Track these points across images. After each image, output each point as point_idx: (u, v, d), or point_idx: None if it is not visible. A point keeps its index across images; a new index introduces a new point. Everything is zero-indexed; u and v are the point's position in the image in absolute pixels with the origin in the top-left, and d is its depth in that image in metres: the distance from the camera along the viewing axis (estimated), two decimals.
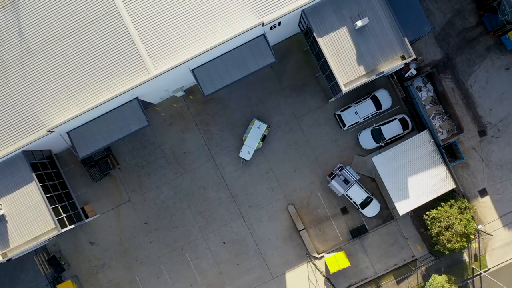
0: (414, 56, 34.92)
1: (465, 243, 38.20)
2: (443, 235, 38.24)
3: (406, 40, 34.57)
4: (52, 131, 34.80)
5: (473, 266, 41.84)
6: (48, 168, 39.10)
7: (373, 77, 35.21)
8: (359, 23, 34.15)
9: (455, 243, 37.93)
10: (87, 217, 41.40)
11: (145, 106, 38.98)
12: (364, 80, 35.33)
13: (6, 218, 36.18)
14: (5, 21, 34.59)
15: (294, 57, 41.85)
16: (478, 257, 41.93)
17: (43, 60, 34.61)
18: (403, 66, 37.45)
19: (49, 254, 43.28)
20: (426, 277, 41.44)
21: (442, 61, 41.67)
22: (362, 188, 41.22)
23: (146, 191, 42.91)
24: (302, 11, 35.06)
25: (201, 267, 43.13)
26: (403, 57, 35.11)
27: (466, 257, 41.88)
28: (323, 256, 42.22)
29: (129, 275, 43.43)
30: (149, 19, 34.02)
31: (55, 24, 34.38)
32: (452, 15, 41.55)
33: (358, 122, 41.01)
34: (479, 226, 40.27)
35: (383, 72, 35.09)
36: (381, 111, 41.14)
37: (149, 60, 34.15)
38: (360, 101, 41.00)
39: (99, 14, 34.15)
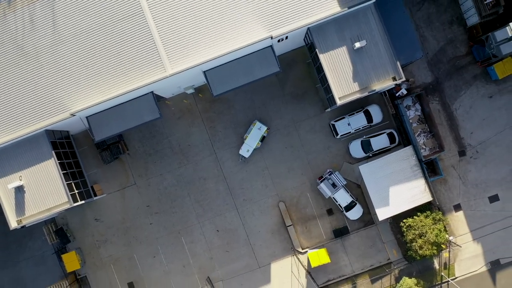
0: (404, 79, 38.85)
1: (435, 251, 42.14)
2: (416, 242, 42.20)
3: (398, 63, 38.49)
4: (74, 115, 38.74)
5: (442, 274, 45.77)
6: (65, 148, 43.01)
7: (366, 93, 39.13)
8: (357, 44, 38.06)
9: (426, 250, 41.88)
10: (95, 195, 45.34)
11: (157, 99, 42.81)
12: (358, 95, 39.25)
13: (25, 189, 40.10)
14: (42, 12, 38.46)
15: (297, 68, 45.75)
16: (447, 266, 45.87)
17: (72, 50, 38.54)
18: (394, 86, 41.32)
19: (57, 226, 47.21)
20: (398, 279, 45.37)
21: (431, 84, 45.58)
22: (348, 192, 45.16)
23: (151, 177, 46.85)
24: (308, 28, 38.95)
25: (195, 251, 47.07)
26: (394, 78, 39.04)
27: (436, 264, 45.82)
28: (306, 251, 46.16)
29: (128, 252, 47.37)
30: (170, 23, 37.96)
31: (86, 19, 38.30)
32: (445, 43, 45.43)
33: (350, 132, 44.93)
34: (451, 238, 44.26)
35: (375, 90, 39.01)
36: (371, 124, 45.04)
37: (167, 60, 38.09)
38: (354, 113, 44.90)
39: (126, 14, 38.07)
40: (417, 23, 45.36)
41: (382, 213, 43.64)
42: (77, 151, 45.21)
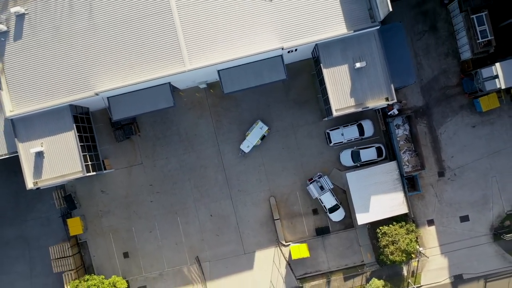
0: (395, 100, 43.31)
1: (405, 258, 46.59)
2: (389, 248, 46.64)
3: (392, 86, 42.90)
4: (98, 94, 43.11)
5: (409, 280, 50.25)
6: (84, 122, 47.35)
7: (360, 109, 43.55)
8: (358, 64, 42.46)
9: (396, 256, 46.33)
10: (105, 169, 49.70)
11: (173, 89, 47.15)
12: (353, 110, 43.67)
13: (44, 155, 44.44)
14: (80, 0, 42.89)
15: (302, 77, 50.12)
16: (415, 274, 50.35)
17: (103, 37, 42.88)
18: (387, 105, 45.73)
19: (66, 192, 51.55)
20: (368, 280, 49.81)
21: (422, 108, 50.04)
22: (334, 196, 49.61)
23: (157, 159, 51.23)
24: (316, 44, 43.33)
25: (188, 231, 51.47)
26: (387, 99, 43.45)
27: (405, 271, 50.30)
28: (289, 244, 50.59)
29: (127, 225, 51.74)
30: (194, 23, 42.35)
31: (120, 10, 42.63)
32: (438, 72, 49.88)
33: (342, 142, 49.34)
34: (420, 248, 48.78)
35: (368, 107, 43.43)
36: (363, 137, 49.46)
37: (187, 56, 42.48)
38: (348, 125, 49.31)
39: (156, 10, 42.44)
40: (416, 51, 49.82)
41: (362, 218, 48.06)
42: (94, 126, 49.54)
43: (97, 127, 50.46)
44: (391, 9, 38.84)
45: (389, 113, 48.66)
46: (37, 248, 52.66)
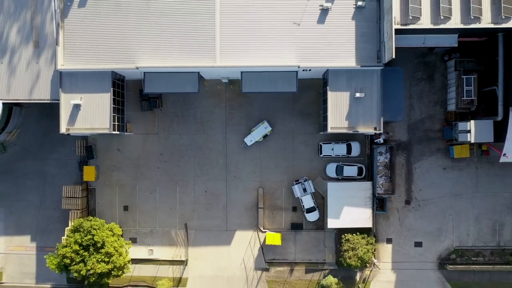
0: (382, 131, 51.17)
1: (359, 265, 54.43)
2: (348, 253, 54.53)
3: (381, 119, 50.68)
4: (138, 68, 50.85)
5: (359, 285, 58.21)
6: (118, 88, 54.97)
7: (351, 131, 51.39)
8: (357, 94, 50.25)
9: (352, 261, 54.21)
10: (126, 131, 57.39)
11: (199, 78, 54.85)
12: (345, 131, 51.45)
13: (81, 108, 52.03)
14: None
15: (310, 93, 57.86)
16: (365, 281, 58.28)
17: (153, 19, 50.38)
18: (374, 134, 53.54)
19: (87, 143, 59.30)
20: (325, 276, 57.68)
21: (404, 143, 57.90)
22: (313, 199, 57.46)
23: (172, 133, 58.97)
24: (327, 69, 51.11)
25: (183, 200, 59.28)
26: (375, 128, 51.27)
27: (357, 277, 58.21)
28: (266, 231, 58.43)
29: (133, 183, 59.49)
30: (231, 27, 50.00)
31: (170, 2, 50.32)
32: (425, 116, 57.71)
33: (331, 155, 57.17)
34: (375, 260, 56.73)
35: (358, 131, 51.26)
36: (349, 155, 57.28)
37: (219, 54, 50.24)
38: (339, 142, 57.12)
39: (202, 10, 49.98)
40: (411, 93, 57.64)
41: (332, 223, 55.91)
42: (125, 93, 57.25)
43: (127, 94, 58.06)
44: (394, 57, 46.58)
45: (375, 141, 56.48)
46: (51, 184, 60.32)
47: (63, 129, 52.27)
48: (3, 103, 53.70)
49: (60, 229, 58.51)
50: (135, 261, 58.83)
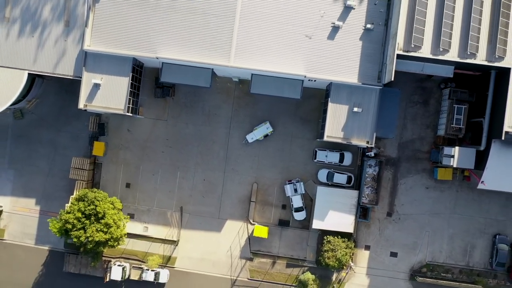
0: (373, 145, 55.44)
1: (336, 265, 58.67)
2: (328, 253, 58.81)
3: (374, 134, 54.97)
4: (158, 58, 55.04)
5: (334, 285, 62.51)
6: (136, 73, 59.11)
7: (345, 142, 55.65)
8: (355, 109, 54.49)
9: (331, 261, 58.46)
10: (138, 114, 61.54)
11: (212, 74, 58.96)
12: (339, 141, 55.71)
13: (100, 87, 56.15)
14: None
15: (313, 101, 62.06)
16: (341, 282, 62.56)
17: (177, 14, 54.51)
18: (366, 147, 57.79)
19: (100, 120, 63.44)
20: (303, 272, 61.96)
21: (393, 159, 62.19)
22: (302, 200, 61.71)
23: (180, 121, 63.17)
24: (331, 82, 55.32)
25: (182, 185, 63.49)
26: (367, 142, 55.52)
27: (334, 277, 62.54)
28: (255, 224, 62.69)
29: (137, 163, 63.69)
30: (249, 30, 54.15)
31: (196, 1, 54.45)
32: (416, 137, 61.99)
33: (324, 162, 61.41)
34: (352, 263, 61.02)
35: (352, 143, 55.52)
36: (341, 164, 61.53)
37: (234, 54, 54.43)
38: (333, 150, 61.34)
39: (222, 11, 54.12)
40: (406, 114, 61.87)
41: (317, 224, 60.16)
42: (142, 79, 61.35)
43: (144, 80, 62.16)
44: (393, 79, 50.78)
45: (367, 153, 60.72)
46: (61, 155, 64.45)
47: (81, 105, 56.40)
48: (28, 73, 57.68)
49: (64, 197, 62.76)
50: (130, 235, 63.10)
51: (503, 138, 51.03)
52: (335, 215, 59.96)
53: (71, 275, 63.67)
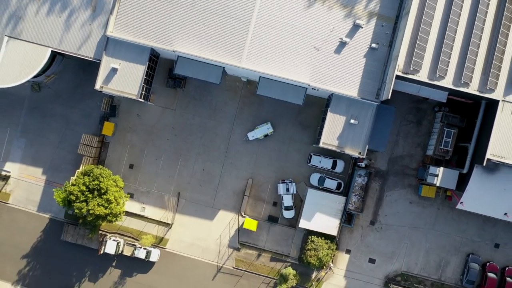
0: (364, 156, 59.31)
1: (317, 264, 62.35)
2: (310, 252, 62.72)
3: (366, 146, 58.85)
4: (174, 51, 58.84)
5: (313, 283, 66.42)
6: (152, 63, 62.90)
7: (339, 150, 59.50)
8: (352, 121, 58.34)
9: (312, 260, 62.37)
10: (148, 101, 65.33)
11: (223, 72, 62.67)
12: (334, 148, 59.55)
13: (117, 72, 59.88)
14: None
15: (314, 109, 65.92)
16: (319, 280, 66.48)
17: (197, 12, 58.36)
18: (358, 157, 61.65)
19: (113, 102, 67.24)
20: (286, 267, 65.84)
21: (382, 171, 66.09)
22: (292, 199, 65.58)
23: (187, 112, 66.99)
24: (333, 93, 59.17)
25: (182, 172, 67.34)
26: (359, 153, 59.37)
27: (313, 275, 66.44)
28: (245, 216, 66.55)
29: (143, 146, 67.51)
30: (262, 35, 57.92)
31: (215, 2, 58.24)
32: (406, 154, 65.89)
33: (317, 166, 65.28)
34: (331, 264, 64.95)
35: (345, 151, 59.39)
36: (333, 171, 65.40)
37: (245, 56, 58.24)
38: (327, 157, 65.21)
39: (240, 14, 57.93)
40: (399, 131, 65.75)
41: (303, 224, 64.04)
42: (157, 69, 65.14)
43: (158, 70, 65.96)
44: (389, 97, 54.56)
45: (358, 163, 64.61)
46: (72, 130, 68.24)
47: (97, 86, 60.16)
48: (52, 51, 61.35)
49: (71, 170, 66.61)
50: (128, 213, 66.99)
51: (484, 164, 54.93)
52: (321, 217, 63.83)
53: (68, 244, 67.47)
